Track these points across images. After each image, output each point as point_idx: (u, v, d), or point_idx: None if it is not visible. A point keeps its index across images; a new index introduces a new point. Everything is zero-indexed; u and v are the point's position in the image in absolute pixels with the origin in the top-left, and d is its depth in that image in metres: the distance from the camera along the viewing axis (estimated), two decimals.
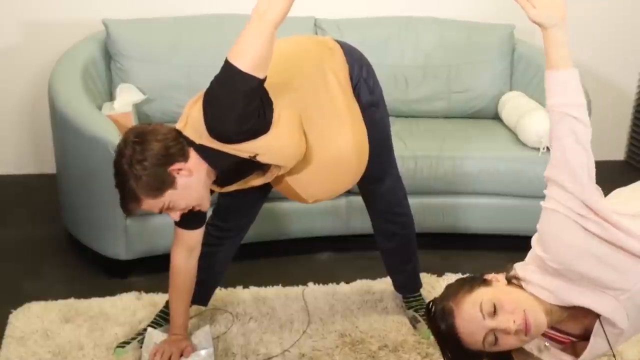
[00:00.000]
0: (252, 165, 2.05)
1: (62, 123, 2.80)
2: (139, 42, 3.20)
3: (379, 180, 2.37)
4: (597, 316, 1.53)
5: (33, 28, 3.50)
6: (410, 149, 3.04)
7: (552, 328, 1.60)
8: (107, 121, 2.72)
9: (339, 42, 2.25)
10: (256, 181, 2.12)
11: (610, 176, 1.55)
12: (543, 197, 1.53)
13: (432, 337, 2.45)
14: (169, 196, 1.95)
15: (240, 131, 1.88)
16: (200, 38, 3.22)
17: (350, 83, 2.17)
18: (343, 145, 2.11)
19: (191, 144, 1.99)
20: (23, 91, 3.61)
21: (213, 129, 1.90)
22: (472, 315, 1.50)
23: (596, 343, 1.56)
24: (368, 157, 2.22)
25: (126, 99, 3.05)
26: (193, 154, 1.99)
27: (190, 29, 3.23)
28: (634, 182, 1.79)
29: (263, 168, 2.08)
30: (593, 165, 1.49)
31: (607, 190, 1.76)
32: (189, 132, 1.99)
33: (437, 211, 3.09)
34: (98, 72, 3.18)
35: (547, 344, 1.61)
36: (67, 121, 2.74)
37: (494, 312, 1.49)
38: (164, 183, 1.94)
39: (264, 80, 1.85)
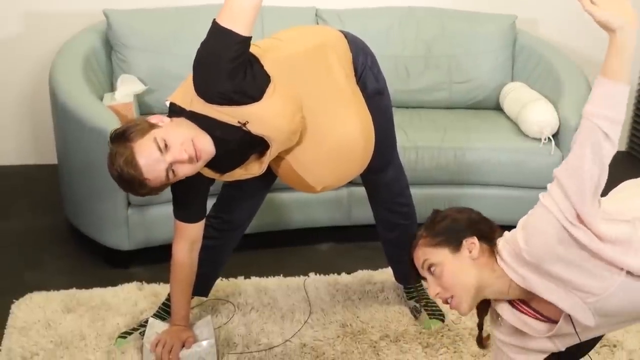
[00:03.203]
0: (248, 145, 2.03)
1: (63, 114, 2.80)
2: (140, 32, 3.19)
3: (382, 169, 2.37)
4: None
5: (34, 18, 3.50)
6: (412, 139, 3.04)
7: (524, 303, 1.63)
8: (108, 112, 2.72)
9: (342, 31, 2.24)
10: (254, 167, 2.11)
11: (612, 167, 1.53)
12: (544, 187, 1.53)
13: (433, 328, 2.48)
14: (157, 132, 1.92)
15: (226, 89, 1.89)
16: (201, 28, 3.17)
17: (353, 71, 2.17)
18: (350, 131, 2.11)
19: (181, 113, 1.99)
20: (24, 82, 3.61)
21: (200, 87, 1.92)
22: (417, 259, 1.66)
23: (562, 328, 1.58)
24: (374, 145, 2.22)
25: (127, 89, 3.04)
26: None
27: (191, 19, 3.23)
28: (635, 172, 1.79)
29: (258, 149, 2.07)
30: (604, 183, 1.47)
31: (608, 181, 1.75)
32: (179, 99, 2.00)
33: (438, 202, 3.08)
34: (99, 63, 3.18)
35: (500, 319, 1.68)
36: (68, 112, 2.74)
37: (432, 275, 1.63)
38: (148, 126, 1.94)
39: (247, 37, 1.87)
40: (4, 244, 3.02)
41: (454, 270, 1.60)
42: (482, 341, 1.78)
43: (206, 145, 1.97)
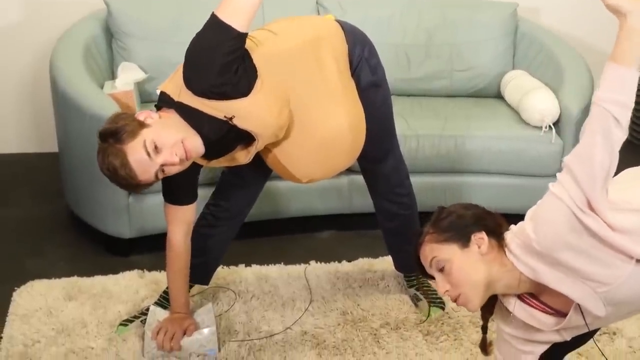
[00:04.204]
0: (234, 137, 2.03)
1: (63, 102, 2.79)
2: (141, 20, 3.18)
3: (381, 160, 2.37)
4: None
5: (34, 6, 3.48)
6: (412, 127, 3.03)
7: (532, 297, 1.61)
8: (109, 100, 2.71)
9: (340, 22, 2.23)
10: (241, 156, 2.11)
11: None
12: (544, 175, 1.53)
13: (433, 316, 2.48)
14: (147, 134, 1.92)
15: (215, 83, 1.89)
16: (201, 16, 3.15)
17: (348, 63, 2.16)
18: (335, 125, 2.11)
19: (171, 103, 1.99)
20: (24, 70, 3.60)
21: (189, 79, 1.92)
22: (425, 257, 1.62)
23: (572, 322, 1.57)
24: (369, 138, 2.21)
25: (128, 77, 3.03)
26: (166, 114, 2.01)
27: (192, 6, 3.21)
28: (636, 160, 1.78)
29: (245, 141, 2.07)
30: (614, 170, 1.46)
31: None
32: (170, 89, 2.01)
33: (439, 190, 3.09)
34: (99, 51, 3.16)
35: (512, 316, 1.65)
36: (68, 100, 2.74)
37: (440, 272, 1.59)
38: (137, 125, 1.94)
39: (243, 34, 1.88)
40: (5, 232, 3.02)
41: (463, 266, 1.57)
42: (486, 348, 1.76)
43: (196, 146, 1.99)
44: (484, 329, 1.74)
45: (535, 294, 1.61)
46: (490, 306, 1.71)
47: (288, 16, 2.28)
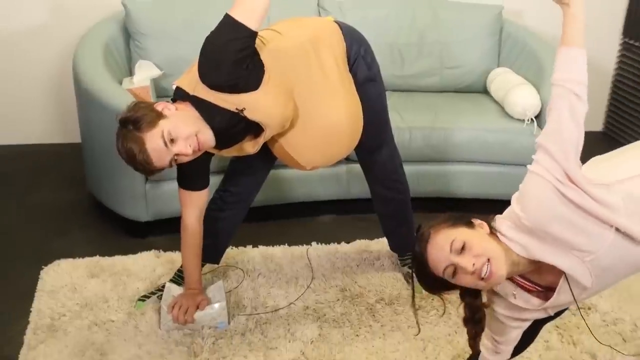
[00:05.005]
0: (244, 128, 2.05)
1: (86, 97, 2.80)
2: (156, 21, 3.18)
3: (376, 150, 2.38)
4: (563, 272, 1.54)
5: (59, 8, 3.48)
6: (406, 120, 3.04)
7: (522, 277, 1.62)
8: (127, 95, 2.72)
9: (339, 23, 2.24)
10: (249, 146, 2.13)
11: (589, 147, 1.53)
12: (526, 164, 1.53)
13: (424, 292, 2.49)
14: (164, 125, 1.93)
15: (229, 77, 1.91)
16: (213, 16, 3.16)
17: (346, 60, 2.17)
18: (335, 117, 2.12)
19: (185, 97, 2.01)
20: (50, 67, 3.60)
21: (204, 73, 1.93)
22: (442, 246, 1.52)
23: (561, 296, 1.58)
24: (365, 129, 2.23)
25: (144, 74, 3.04)
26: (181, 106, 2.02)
27: (204, 8, 3.21)
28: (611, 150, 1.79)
29: (254, 132, 2.08)
30: (582, 141, 1.48)
31: (584, 160, 1.76)
32: (185, 84, 2.02)
33: (430, 178, 3.10)
34: (118, 50, 3.17)
35: (515, 292, 1.63)
36: (90, 95, 2.74)
37: (461, 251, 1.50)
38: (156, 116, 1.94)
39: (255, 32, 1.90)
40: (34, 216, 3.04)
41: (480, 238, 1.53)
42: None
43: (208, 139, 2.01)
44: (473, 347, 1.72)
45: (528, 276, 1.62)
46: (480, 321, 1.67)
47: (292, 17, 2.29)
